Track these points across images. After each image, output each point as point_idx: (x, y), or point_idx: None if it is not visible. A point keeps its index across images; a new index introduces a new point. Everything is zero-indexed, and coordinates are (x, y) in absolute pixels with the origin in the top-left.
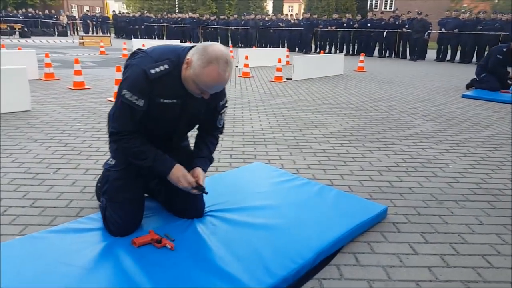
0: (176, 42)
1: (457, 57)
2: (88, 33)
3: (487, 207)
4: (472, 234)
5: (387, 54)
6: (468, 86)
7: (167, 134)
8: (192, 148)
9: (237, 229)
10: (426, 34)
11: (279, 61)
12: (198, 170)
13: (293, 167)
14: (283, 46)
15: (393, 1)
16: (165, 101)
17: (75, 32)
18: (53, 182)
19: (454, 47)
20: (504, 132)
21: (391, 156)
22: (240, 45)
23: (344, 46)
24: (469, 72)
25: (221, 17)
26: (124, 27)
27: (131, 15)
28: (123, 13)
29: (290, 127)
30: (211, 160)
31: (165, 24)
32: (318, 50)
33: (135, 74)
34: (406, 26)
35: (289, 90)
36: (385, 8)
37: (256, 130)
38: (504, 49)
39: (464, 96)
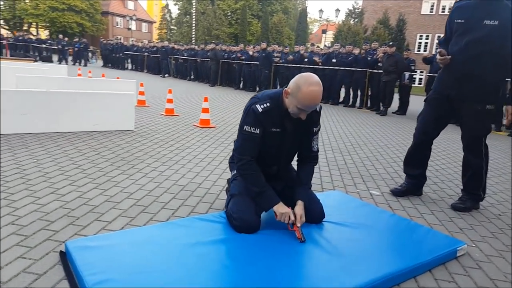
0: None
1: None
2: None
3: None
4: None
5: (357, 103)
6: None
7: (276, 160)
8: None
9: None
10: (406, 77)
11: None
12: (300, 211)
13: None
14: (246, 84)
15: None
16: (272, 129)
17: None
18: None
19: None
20: None
21: None
22: (206, 81)
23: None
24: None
25: (186, 46)
26: (108, 56)
27: (114, 42)
28: (108, 40)
29: None
30: (310, 187)
31: (146, 54)
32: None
33: (247, 112)
34: (379, 64)
35: None
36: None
37: None
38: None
39: None
